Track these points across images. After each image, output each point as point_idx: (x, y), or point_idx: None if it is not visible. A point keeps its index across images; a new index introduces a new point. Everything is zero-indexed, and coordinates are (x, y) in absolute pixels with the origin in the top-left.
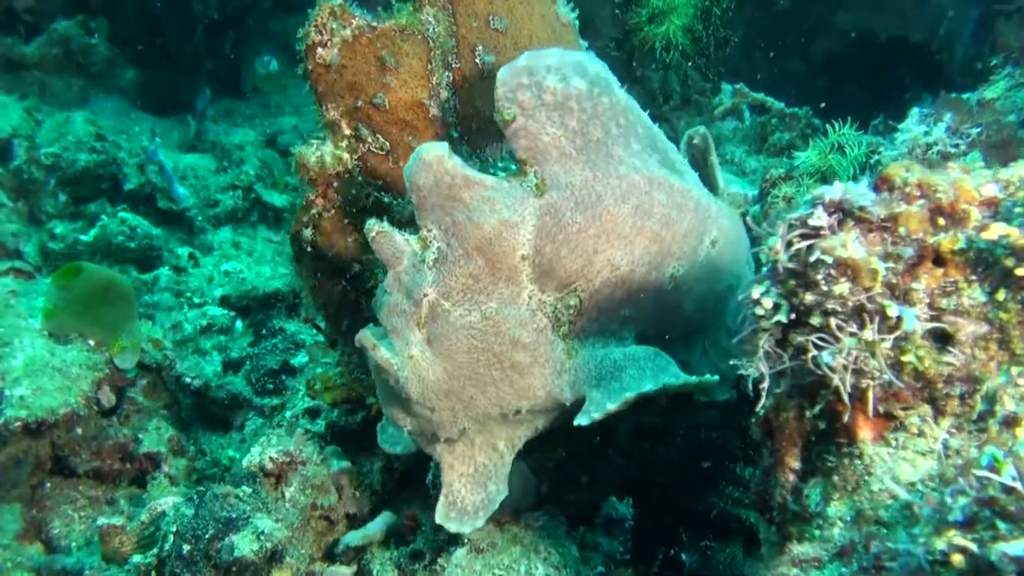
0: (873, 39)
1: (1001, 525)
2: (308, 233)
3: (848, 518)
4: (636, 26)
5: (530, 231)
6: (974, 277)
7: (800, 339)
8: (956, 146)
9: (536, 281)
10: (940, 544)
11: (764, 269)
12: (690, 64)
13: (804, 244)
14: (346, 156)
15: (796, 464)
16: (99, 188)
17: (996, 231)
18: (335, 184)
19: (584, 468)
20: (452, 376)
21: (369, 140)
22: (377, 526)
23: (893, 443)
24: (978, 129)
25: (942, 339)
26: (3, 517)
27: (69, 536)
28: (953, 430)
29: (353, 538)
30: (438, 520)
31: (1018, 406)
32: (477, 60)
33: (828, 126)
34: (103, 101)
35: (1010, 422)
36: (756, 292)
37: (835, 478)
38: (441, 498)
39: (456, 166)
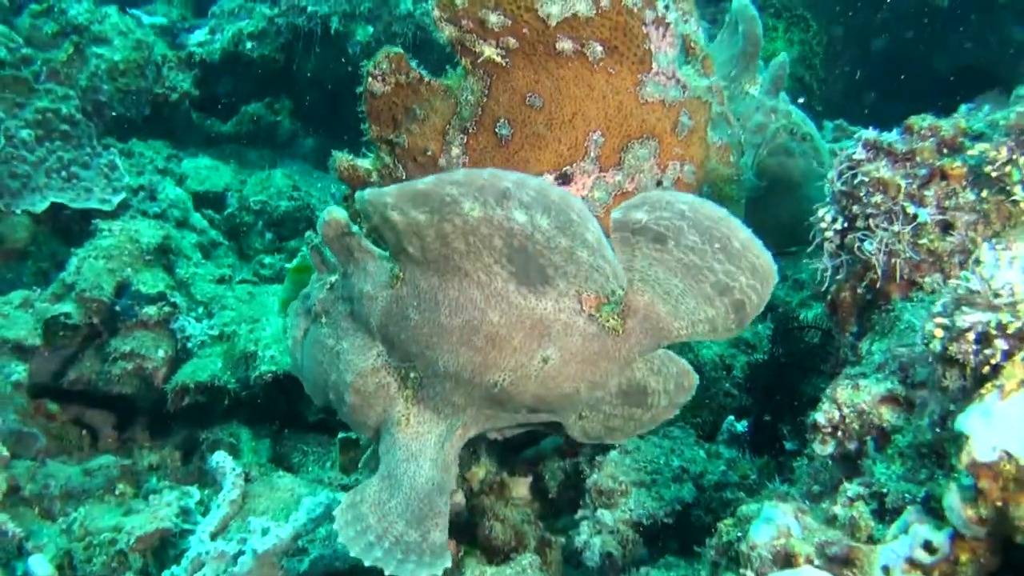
0: (962, 75)
1: (965, 308)
2: None
3: (884, 348)
4: None
5: (380, 308)
6: (967, 184)
7: (851, 236)
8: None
9: (384, 344)
10: (928, 326)
11: (827, 197)
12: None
13: (850, 172)
14: (372, 170)
15: (853, 328)
16: (297, 228)
17: (978, 149)
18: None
19: (706, 395)
20: (307, 369)
21: (391, 165)
22: (548, 444)
23: (915, 299)
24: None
25: (946, 227)
26: (259, 447)
27: (305, 466)
28: None
29: (528, 453)
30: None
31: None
32: (496, 130)
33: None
34: (289, 165)
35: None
36: (822, 212)
37: (877, 328)
38: None
39: (354, 234)
